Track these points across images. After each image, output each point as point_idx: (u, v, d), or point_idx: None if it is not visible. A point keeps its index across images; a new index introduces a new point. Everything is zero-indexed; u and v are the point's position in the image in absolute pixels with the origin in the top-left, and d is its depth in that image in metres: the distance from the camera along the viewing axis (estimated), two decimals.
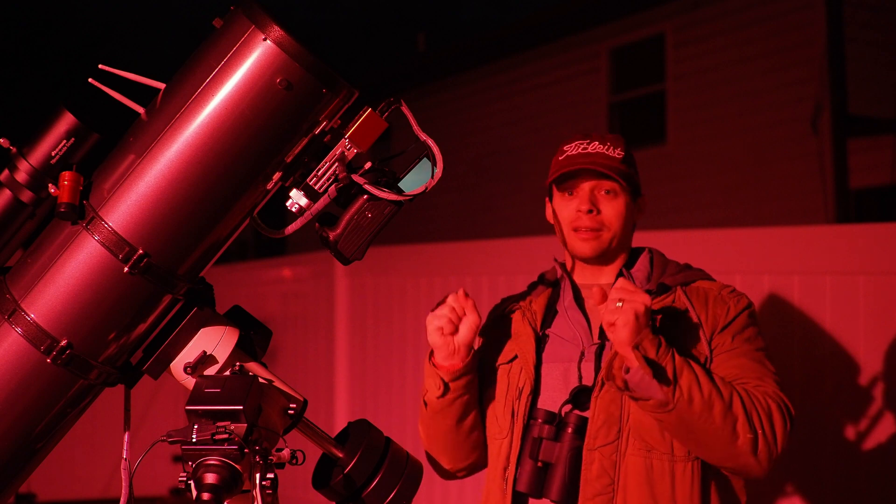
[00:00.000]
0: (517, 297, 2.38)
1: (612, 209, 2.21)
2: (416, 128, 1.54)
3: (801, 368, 3.31)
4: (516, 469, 2.14)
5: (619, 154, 2.22)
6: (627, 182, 2.20)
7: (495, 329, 2.33)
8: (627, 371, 1.98)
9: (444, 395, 2.15)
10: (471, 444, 2.26)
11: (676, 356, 1.98)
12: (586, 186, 2.21)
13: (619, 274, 2.26)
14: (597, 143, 2.23)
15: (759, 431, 1.99)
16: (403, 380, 5.26)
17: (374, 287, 5.54)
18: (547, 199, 2.33)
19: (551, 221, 2.33)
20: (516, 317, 2.28)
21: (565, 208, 2.25)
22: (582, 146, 2.24)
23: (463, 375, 2.13)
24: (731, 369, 2.09)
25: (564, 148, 2.27)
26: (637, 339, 1.95)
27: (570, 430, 2.09)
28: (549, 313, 2.27)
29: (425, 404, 2.20)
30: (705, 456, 2.06)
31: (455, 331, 2.11)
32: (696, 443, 2.03)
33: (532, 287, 2.37)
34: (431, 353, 2.16)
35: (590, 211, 2.20)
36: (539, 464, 2.10)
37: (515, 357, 2.22)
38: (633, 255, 2.31)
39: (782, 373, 2.17)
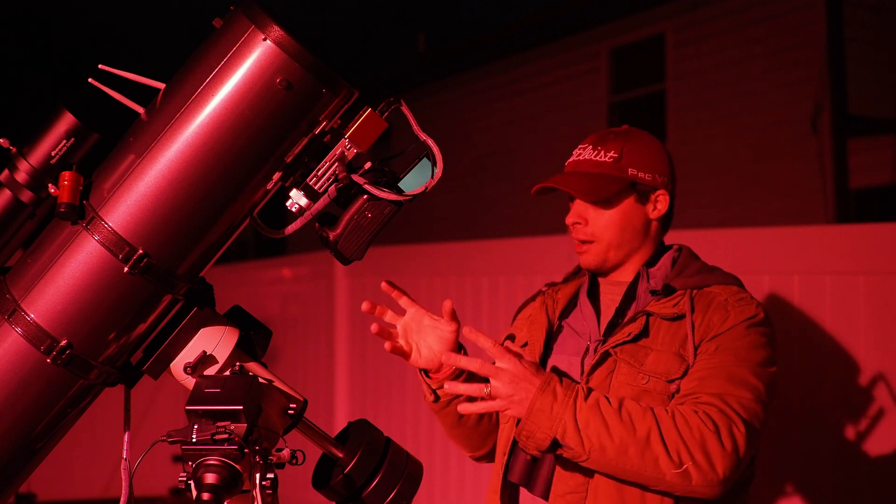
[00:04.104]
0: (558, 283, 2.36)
1: (599, 219, 2.12)
2: (416, 128, 1.54)
3: (801, 368, 3.31)
4: (509, 458, 2.12)
5: (610, 157, 2.10)
6: (609, 185, 2.10)
7: (524, 311, 2.33)
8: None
9: (436, 401, 2.16)
10: (481, 435, 2.25)
11: (580, 405, 1.88)
12: (575, 196, 2.15)
13: (638, 273, 2.16)
14: (589, 147, 2.15)
15: (689, 464, 1.87)
16: (403, 380, 5.26)
17: (374, 287, 5.52)
18: None
19: None
20: (537, 301, 2.28)
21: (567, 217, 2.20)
22: (577, 152, 2.18)
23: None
24: (692, 382, 1.97)
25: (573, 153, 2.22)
26: (527, 414, 1.89)
27: None
28: (572, 303, 2.24)
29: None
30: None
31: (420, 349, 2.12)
32: (627, 478, 1.94)
33: (575, 272, 2.33)
34: None
35: (576, 223, 2.14)
36: (528, 457, 2.07)
37: (525, 344, 2.20)
38: (661, 252, 2.19)
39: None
